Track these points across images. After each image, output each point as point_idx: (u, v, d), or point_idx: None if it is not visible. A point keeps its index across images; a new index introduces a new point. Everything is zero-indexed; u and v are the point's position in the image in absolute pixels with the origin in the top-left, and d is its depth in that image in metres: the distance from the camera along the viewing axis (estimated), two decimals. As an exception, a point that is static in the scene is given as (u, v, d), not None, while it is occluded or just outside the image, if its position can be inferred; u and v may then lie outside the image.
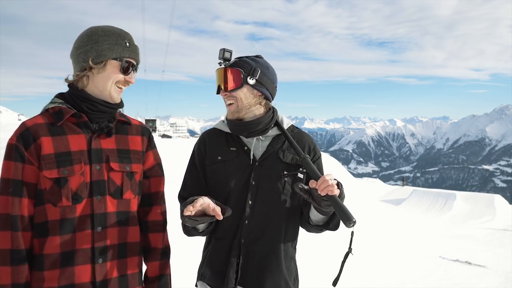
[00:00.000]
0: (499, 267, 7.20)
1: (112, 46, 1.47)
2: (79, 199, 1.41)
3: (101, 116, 1.50)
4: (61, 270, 1.39)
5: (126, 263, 1.51)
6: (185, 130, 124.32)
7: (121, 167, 1.50)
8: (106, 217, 1.45)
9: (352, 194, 20.35)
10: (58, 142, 1.41)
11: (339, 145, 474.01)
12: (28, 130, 1.41)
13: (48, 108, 1.48)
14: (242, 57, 1.71)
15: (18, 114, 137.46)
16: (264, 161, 1.67)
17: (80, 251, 1.40)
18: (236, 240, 1.63)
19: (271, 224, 1.65)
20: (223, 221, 1.61)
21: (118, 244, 1.49)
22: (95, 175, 1.44)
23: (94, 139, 1.47)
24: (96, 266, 1.42)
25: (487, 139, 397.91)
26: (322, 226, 1.67)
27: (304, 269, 2.19)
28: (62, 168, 1.39)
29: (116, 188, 1.48)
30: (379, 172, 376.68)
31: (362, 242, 8.46)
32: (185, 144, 22.53)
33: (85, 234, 1.41)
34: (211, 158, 1.71)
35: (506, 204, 22.84)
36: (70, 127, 1.45)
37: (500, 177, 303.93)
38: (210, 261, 1.69)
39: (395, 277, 5.99)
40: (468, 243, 10.44)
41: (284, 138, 1.71)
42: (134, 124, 1.63)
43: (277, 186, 1.65)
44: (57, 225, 1.39)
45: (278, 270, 1.65)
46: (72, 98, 1.49)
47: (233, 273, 1.61)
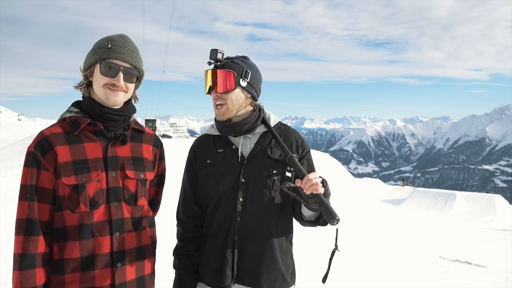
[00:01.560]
0: (499, 267, 7.20)
1: (95, 50, 1.51)
2: (96, 205, 1.46)
3: (114, 125, 1.55)
4: (82, 274, 1.43)
5: (143, 265, 1.57)
6: (185, 130, 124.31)
7: (136, 175, 1.56)
8: (123, 222, 1.51)
9: (352, 194, 20.36)
10: (75, 150, 1.47)
11: (339, 145, 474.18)
12: (45, 138, 1.46)
13: (65, 117, 1.53)
14: (231, 58, 1.70)
15: (18, 114, 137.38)
16: (253, 159, 1.69)
17: (100, 256, 1.45)
18: (230, 238, 1.64)
19: (263, 220, 1.67)
20: (216, 220, 1.67)
21: (136, 248, 1.55)
22: (111, 182, 1.49)
23: (110, 147, 1.52)
24: (115, 270, 1.47)
25: (487, 139, 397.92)
26: (314, 222, 1.70)
27: (302, 264, 2.19)
28: (79, 175, 1.44)
29: (130, 195, 1.54)
30: (379, 172, 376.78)
31: (362, 242, 8.46)
32: (185, 144, 22.53)
33: (104, 239, 1.47)
34: (201, 163, 1.74)
35: (506, 204, 22.86)
36: (87, 135, 1.51)
37: (500, 177, 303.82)
38: (206, 260, 1.71)
39: (395, 277, 5.99)
40: (468, 243, 10.44)
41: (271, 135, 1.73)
42: (147, 133, 1.69)
43: (267, 182, 1.67)
44: (75, 231, 1.44)
45: (273, 265, 1.66)
46: (87, 107, 1.54)
47: (229, 271, 1.62)
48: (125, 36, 1.56)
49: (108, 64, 1.48)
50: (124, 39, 1.53)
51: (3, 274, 4.49)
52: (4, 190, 10.28)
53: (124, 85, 1.51)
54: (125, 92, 1.53)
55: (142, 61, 1.59)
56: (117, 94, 1.51)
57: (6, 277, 4.50)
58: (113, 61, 1.48)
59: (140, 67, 1.57)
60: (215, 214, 1.68)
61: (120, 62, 1.49)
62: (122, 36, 1.54)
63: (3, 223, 5.85)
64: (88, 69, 1.52)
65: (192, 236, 1.74)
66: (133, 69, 1.53)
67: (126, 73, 1.51)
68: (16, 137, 39.22)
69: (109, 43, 1.49)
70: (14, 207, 1.52)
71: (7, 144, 27.22)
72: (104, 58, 1.48)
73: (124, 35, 1.56)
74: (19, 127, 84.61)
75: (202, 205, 1.75)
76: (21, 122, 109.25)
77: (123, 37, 1.54)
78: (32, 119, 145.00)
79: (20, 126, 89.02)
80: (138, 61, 1.55)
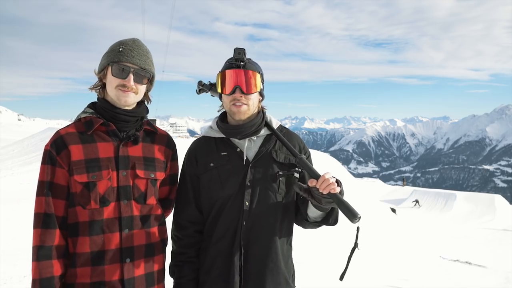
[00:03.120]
0: (499, 267, 7.21)
1: (108, 54, 1.60)
2: (107, 203, 1.53)
3: (126, 125, 1.62)
4: (92, 268, 1.50)
5: (153, 261, 1.62)
6: (185, 130, 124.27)
7: (146, 174, 1.61)
8: (133, 220, 1.57)
9: (353, 194, 20.36)
10: (88, 149, 1.54)
11: (339, 145, 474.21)
12: (61, 137, 1.55)
13: (80, 118, 1.61)
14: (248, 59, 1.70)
15: (18, 114, 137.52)
16: (258, 162, 1.68)
17: (109, 252, 1.52)
18: (237, 242, 1.62)
19: (268, 223, 1.66)
20: (220, 224, 1.65)
21: (146, 244, 1.60)
22: (122, 181, 1.56)
23: (122, 147, 1.59)
24: (124, 265, 1.53)
25: (488, 139, 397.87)
26: (320, 222, 1.69)
27: (300, 266, 2.18)
28: (91, 173, 1.52)
29: (140, 194, 1.59)
30: (379, 172, 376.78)
31: (362, 242, 8.44)
32: (185, 144, 22.43)
33: (114, 236, 1.53)
34: (203, 166, 1.71)
35: (506, 204, 22.85)
36: (100, 135, 1.58)
37: (501, 177, 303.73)
38: (208, 267, 1.67)
39: (396, 276, 5.99)
40: (468, 243, 10.44)
41: (275, 138, 1.73)
42: (160, 134, 1.74)
43: (272, 186, 1.66)
44: (86, 226, 1.51)
45: (277, 269, 1.65)
46: (101, 108, 1.62)
47: (237, 276, 1.60)
48: (137, 40, 1.65)
49: (119, 67, 1.56)
50: (135, 42, 1.63)
51: (3, 274, 4.49)
52: (4, 190, 10.27)
53: (134, 86, 1.59)
54: (135, 93, 1.61)
55: (153, 63, 1.67)
56: (128, 95, 1.59)
57: (6, 277, 4.51)
58: (123, 63, 1.57)
59: (150, 69, 1.64)
60: (219, 218, 1.66)
61: (130, 64, 1.58)
62: (134, 40, 1.64)
63: (3, 223, 5.85)
64: (101, 71, 1.61)
65: (192, 242, 1.71)
66: (143, 71, 1.61)
67: (136, 74, 1.59)
68: (16, 137, 39.17)
69: (121, 47, 1.59)
70: (14, 207, 1.53)
71: (7, 144, 27.22)
72: (115, 60, 1.57)
73: (136, 39, 1.65)
74: (19, 127, 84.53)
75: (202, 210, 1.72)
76: (21, 122, 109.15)
77: (134, 41, 1.63)
78: (32, 119, 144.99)
79: (20, 126, 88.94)
80: (148, 63, 1.63)
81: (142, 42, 1.65)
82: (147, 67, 1.61)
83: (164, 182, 1.73)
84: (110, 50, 1.60)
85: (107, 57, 1.59)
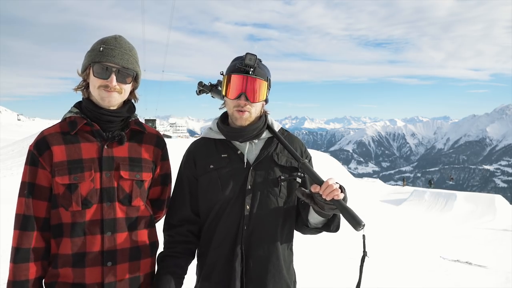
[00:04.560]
0: (500, 267, 7.20)
1: (89, 53, 1.55)
2: (89, 204, 1.49)
3: (110, 125, 1.57)
4: (73, 270, 1.47)
5: (139, 265, 1.57)
6: (185, 130, 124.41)
7: (131, 175, 1.56)
8: (116, 222, 1.52)
9: (353, 195, 20.29)
10: (71, 150, 1.50)
11: (339, 145, 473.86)
12: (44, 138, 1.52)
13: (66, 118, 1.57)
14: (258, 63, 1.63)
15: (18, 114, 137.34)
16: (259, 165, 1.64)
17: (90, 254, 1.48)
18: (238, 247, 1.58)
19: (269, 228, 1.62)
20: (220, 228, 1.60)
21: (130, 247, 1.55)
22: (105, 182, 1.51)
23: (106, 147, 1.54)
24: (104, 269, 1.49)
25: (488, 139, 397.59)
26: (321, 228, 1.65)
27: (302, 271, 2.18)
28: (73, 175, 1.48)
29: (125, 195, 1.55)
30: (380, 172, 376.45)
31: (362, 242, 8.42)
32: (185, 144, 22.43)
33: (95, 238, 1.49)
34: (203, 168, 1.67)
35: (506, 204, 22.81)
36: (84, 135, 1.54)
37: (501, 177, 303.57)
38: (207, 273, 1.62)
39: (396, 277, 5.98)
40: (469, 243, 10.44)
41: (277, 141, 1.70)
42: (149, 133, 1.68)
43: (274, 190, 1.63)
44: (68, 228, 1.48)
45: (279, 274, 1.62)
46: (85, 108, 1.57)
47: (238, 282, 1.55)
48: (119, 37, 1.57)
49: (100, 66, 1.51)
50: (117, 40, 1.55)
51: (3, 274, 4.48)
52: (4, 190, 10.28)
53: (117, 86, 1.53)
54: (119, 93, 1.55)
55: (137, 61, 1.60)
56: (111, 95, 1.53)
57: (6, 277, 4.50)
58: (105, 63, 1.51)
59: (134, 67, 1.57)
60: (218, 222, 1.61)
61: (112, 64, 1.51)
62: (116, 38, 1.56)
63: (3, 223, 5.84)
64: (84, 72, 1.57)
65: (183, 240, 1.65)
66: (126, 70, 1.54)
67: (119, 74, 1.53)
68: (16, 137, 39.18)
69: (101, 46, 1.52)
70: (14, 207, 1.53)
71: (6, 144, 27.22)
72: (96, 60, 1.51)
73: (118, 37, 1.57)
74: (18, 127, 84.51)
75: (198, 212, 1.68)
76: (20, 122, 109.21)
77: (116, 39, 1.55)
78: (32, 119, 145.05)
79: (20, 126, 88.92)
80: (131, 62, 1.56)
81: (125, 39, 1.59)
82: (130, 66, 1.54)
83: (155, 183, 1.69)
84: (92, 49, 1.54)
85: (89, 56, 1.53)
